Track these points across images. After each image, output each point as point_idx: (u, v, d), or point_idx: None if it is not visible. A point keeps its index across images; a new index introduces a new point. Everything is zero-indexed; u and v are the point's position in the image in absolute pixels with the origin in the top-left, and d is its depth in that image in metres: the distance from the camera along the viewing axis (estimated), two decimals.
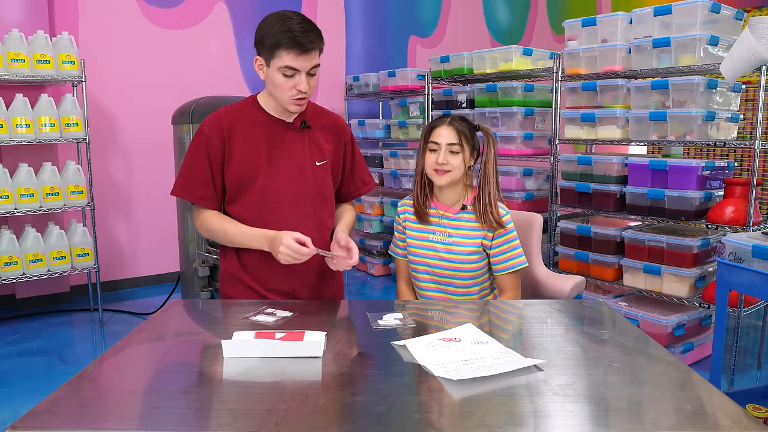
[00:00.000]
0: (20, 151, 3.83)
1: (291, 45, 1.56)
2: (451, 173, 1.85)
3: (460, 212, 1.90)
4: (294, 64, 1.58)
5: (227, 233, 1.71)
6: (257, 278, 1.76)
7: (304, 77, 1.61)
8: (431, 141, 1.87)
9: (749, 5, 6.67)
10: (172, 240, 4.36)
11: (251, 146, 1.71)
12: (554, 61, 3.64)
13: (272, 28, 1.58)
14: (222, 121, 1.71)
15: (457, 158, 1.84)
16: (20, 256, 3.48)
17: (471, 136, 1.89)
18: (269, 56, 1.60)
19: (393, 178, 4.85)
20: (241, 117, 1.73)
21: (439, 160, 1.84)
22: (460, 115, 1.93)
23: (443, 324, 1.49)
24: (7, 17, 3.76)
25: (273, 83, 1.64)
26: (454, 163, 1.85)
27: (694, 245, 2.96)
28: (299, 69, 1.59)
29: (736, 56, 2.62)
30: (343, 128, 1.87)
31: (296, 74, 1.60)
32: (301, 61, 1.58)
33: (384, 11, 5.69)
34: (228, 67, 4.83)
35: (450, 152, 1.84)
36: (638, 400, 1.08)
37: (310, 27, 1.60)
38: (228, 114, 1.74)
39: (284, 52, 1.57)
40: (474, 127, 1.92)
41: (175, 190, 1.76)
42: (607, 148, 5.00)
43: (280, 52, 1.57)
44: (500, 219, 1.85)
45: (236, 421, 0.99)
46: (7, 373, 3.03)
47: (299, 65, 1.59)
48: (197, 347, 1.38)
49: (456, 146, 1.84)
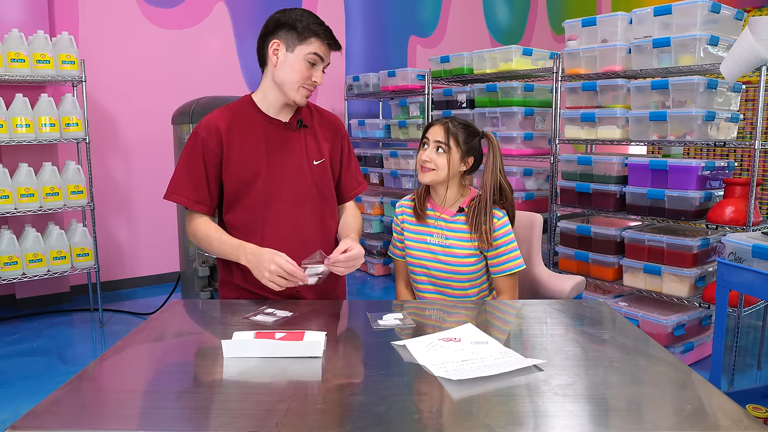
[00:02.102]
0: (20, 151, 3.83)
1: (325, 37, 1.65)
2: (434, 172, 1.84)
3: (457, 215, 1.89)
4: (323, 53, 1.66)
5: (211, 242, 1.69)
6: (257, 283, 1.73)
7: (321, 69, 1.68)
8: (425, 137, 1.90)
9: (749, 5, 6.67)
10: (172, 240, 4.36)
11: (250, 147, 1.69)
12: (554, 61, 3.64)
13: (303, 18, 1.64)
14: (218, 123, 1.70)
15: (442, 158, 1.82)
16: (20, 256, 3.48)
17: (466, 140, 1.85)
18: (298, 41, 1.64)
19: (393, 178, 4.85)
20: (238, 117, 1.71)
21: (423, 156, 1.85)
22: (461, 119, 1.91)
23: (443, 324, 1.49)
24: (7, 17, 3.76)
25: (291, 68, 1.65)
26: (438, 162, 1.83)
27: (694, 245, 2.96)
28: (324, 59, 1.68)
29: (736, 56, 2.61)
30: (339, 126, 1.86)
31: (318, 64, 1.67)
32: (327, 54, 1.68)
33: (384, 11, 5.69)
34: (228, 67, 4.83)
35: (436, 150, 1.84)
36: (638, 400, 1.08)
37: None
38: (224, 115, 1.72)
39: (317, 41, 1.64)
40: (474, 132, 1.89)
41: (168, 193, 1.74)
42: (607, 148, 5.00)
43: (313, 39, 1.64)
44: (490, 237, 1.81)
45: (236, 421, 0.99)
46: (7, 373, 3.03)
47: (326, 56, 1.68)
48: (197, 347, 1.38)
49: (443, 145, 1.83)
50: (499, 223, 1.85)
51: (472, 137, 1.88)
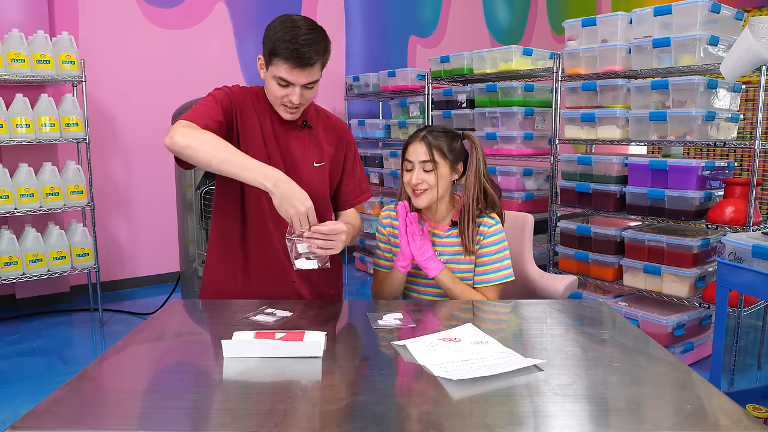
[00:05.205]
0: (20, 151, 3.82)
1: (288, 56, 1.50)
2: (428, 192, 1.73)
3: (450, 229, 1.80)
4: (288, 76, 1.53)
5: (226, 148, 1.47)
6: (258, 290, 1.73)
7: (298, 90, 1.56)
8: (406, 159, 1.76)
9: (749, 5, 6.67)
10: (172, 240, 4.36)
11: (255, 132, 1.67)
12: (554, 61, 3.64)
13: (276, 33, 1.52)
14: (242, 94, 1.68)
15: (432, 176, 1.72)
16: (20, 256, 3.48)
17: (450, 147, 1.75)
18: (268, 61, 1.57)
19: (393, 178, 4.85)
20: (255, 102, 1.70)
21: (413, 180, 1.73)
22: (437, 126, 1.80)
23: (443, 324, 1.49)
24: (7, 17, 3.76)
25: (267, 86, 1.63)
26: (430, 181, 1.72)
27: (694, 245, 2.96)
28: (293, 83, 1.55)
29: (736, 56, 2.62)
30: (345, 132, 1.84)
31: (290, 86, 1.56)
32: (296, 75, 1.53)
33: (384, 11, 5.69)
34: (228, 67, 4.83)
35: (424, 171, 1.72)
36: (638, 400, 1.08)
37: (316, 40, 1.52)
38: (246, 92, 1.70)
39: (281, 62, 1.52)
40: (455, 136, 1.79)
41: (181, 118, 1.57)
42: (607, 148, 5.00)
43: (276, 60, 1.52)
44: (473, 247, 1.75)
45: (236, 421, 0.99)
46: (7, 373, 3.03)
47: (293, 79, 1.53)
48: (197, 347, 1.38)
49: (429, 163, 1.72)
50: (490, 231, 1.77)
51: (455, 142, 1.77)
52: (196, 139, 1.47)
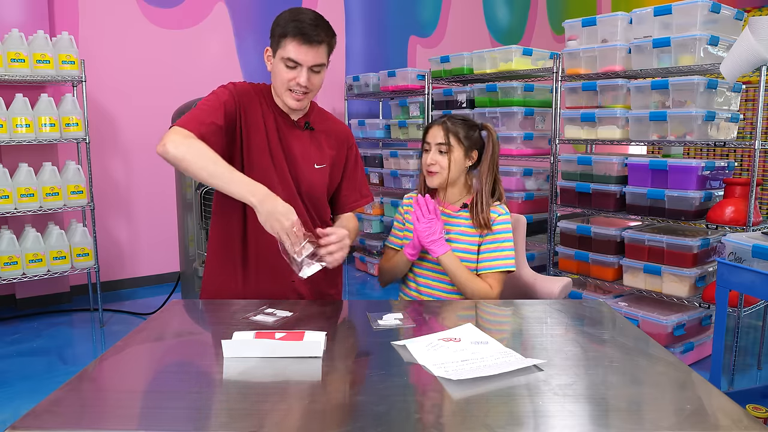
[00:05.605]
0: (20, 151, 3.83)
1: (296, 33, 1.55)
2: (440, 174, 1.86)
3: (460, 210, 1.91)
4: (296, 55, 1.57)
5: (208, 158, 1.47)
6: (258, 290, 1.73)
7: (305, 71, 1.59)
8: (425, 141, 1.90)
9: (749, 5, 6.67)
10: (172, 240, 4.36)
11: (259, 131, 1.67)
12: (554, 61, 3.64)
13: (284, 18, 1.59)
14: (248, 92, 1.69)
15: (445, 159, 1.85)
16: (20, 256, 3.48)
17: (467, 135, 1.87)
18: (277, 45, 1.60)
19: (393, 178, 4.85)
20: (260, 100, 1.71)
21: (428, 160, 1.87)
22: (459, 115, 1.93)
23: (443, 324, 1.49)
24: (7, 17, 3.76)
25: (274, 73, 1.64)
26: (443, 163, 1.85)
27: (694, 245, 2.96)
28: (301, 62, 1.58)
29: (736, 56, 2.62)
30: (348, 136, 1.85)
31: (298, 67, 1.59)
32: (304, 54, 1.57)
33: (384, 11, 5.69)
34: (228, 67, 4.83)
35: (439, 152, 1.86)
36: (638, 400, 1.08)
37: (321, 23, 1.59)
38: (252, 90, 1.71)
39: (289, 40, 1.56)
40: (473, 125, 1.91)
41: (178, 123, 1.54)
42: (607, 148, 5.00)
43: (285, 41, 1.57)
44: (488, 221, 1.84)
45: (236, 421, 0.99)
46: (7, 373, 3.03)
47: (301, 57, 1.57)
48: (197, 347, 1.38)
49: (444, 146, 1.85)
50: (499, 219, 1.86)
51: (472, 131, 1.90)
52: (187, 150, 1.47)
